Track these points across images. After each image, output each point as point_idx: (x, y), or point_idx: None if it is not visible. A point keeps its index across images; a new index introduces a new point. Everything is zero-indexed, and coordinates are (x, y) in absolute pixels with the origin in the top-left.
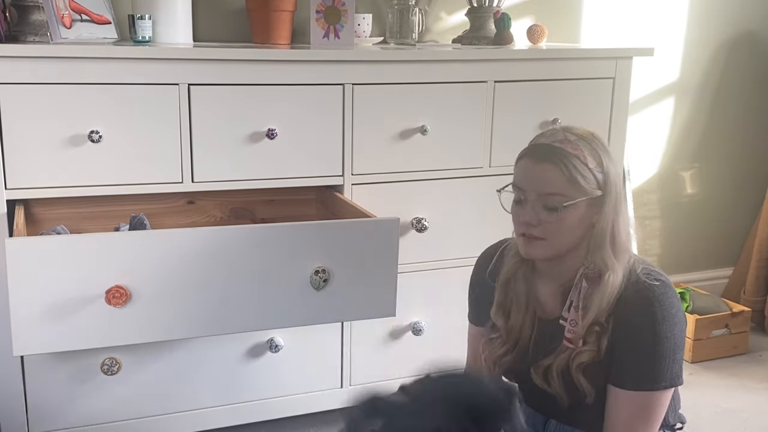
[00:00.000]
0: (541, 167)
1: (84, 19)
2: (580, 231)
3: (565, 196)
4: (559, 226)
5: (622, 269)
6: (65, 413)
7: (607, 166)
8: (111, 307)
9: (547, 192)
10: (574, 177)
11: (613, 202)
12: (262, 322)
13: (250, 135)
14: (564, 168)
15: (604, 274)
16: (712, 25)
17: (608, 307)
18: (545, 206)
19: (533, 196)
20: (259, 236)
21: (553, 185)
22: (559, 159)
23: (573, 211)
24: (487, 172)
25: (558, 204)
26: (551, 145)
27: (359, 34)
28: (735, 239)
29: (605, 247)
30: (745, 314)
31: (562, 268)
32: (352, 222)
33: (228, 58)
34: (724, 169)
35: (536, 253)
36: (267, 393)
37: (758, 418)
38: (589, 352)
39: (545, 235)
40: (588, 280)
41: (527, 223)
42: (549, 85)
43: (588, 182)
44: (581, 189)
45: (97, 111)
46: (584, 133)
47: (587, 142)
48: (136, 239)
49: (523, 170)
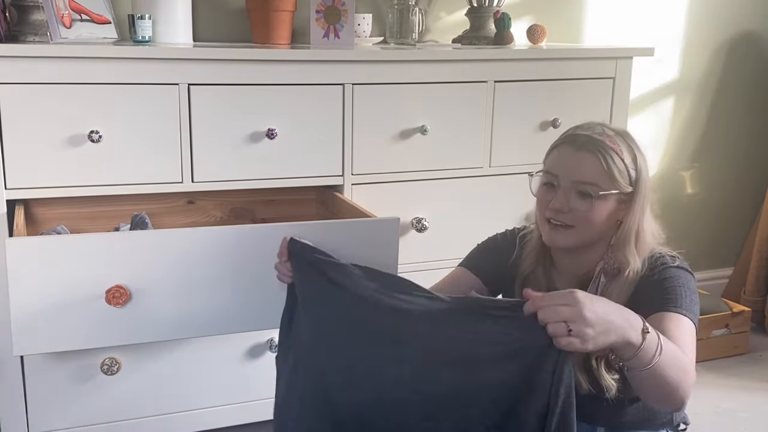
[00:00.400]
0: (579, 155)
1: (84, 19)
2: (606, 225)
3: (600, 186)
4: (590, 215)
5: (641, 261)
6: (65, 413)
7: (640, 165)
8: (111, 307)
9: (582, 180)
10: (610, 169)
11: (642, 202)
12: (262, 322)
13: (250, 135)
14: (602, 159)
15: (624, 270)
16: (712, 25)
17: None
18: (579, 194)
19: (567, 183)
20: (259, 236)
21: (589, 174)
22: (598, 150)
23: (604, 203)
24: (487, 172)
25: (593, 193)
26: (591, 136)
27: (359, 34)
28: (735, 239)
29: (629, 245)
30: (745, 314)
31: (580, 261)
32: (352, 222)
33: (228, 58)
34: (724, 169)
35: (561, 240)
36: (267, 393)
37: (758, 418)
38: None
39: (574, 223)
40: (606, 275)
41: (557, 210)
42: (549, 85)
43: (622, 176)
44: (615, 182)
45: (97, 111)
46: (622, 130)
47: (624, 138)
48: (136, 239)
49: (559, 156)
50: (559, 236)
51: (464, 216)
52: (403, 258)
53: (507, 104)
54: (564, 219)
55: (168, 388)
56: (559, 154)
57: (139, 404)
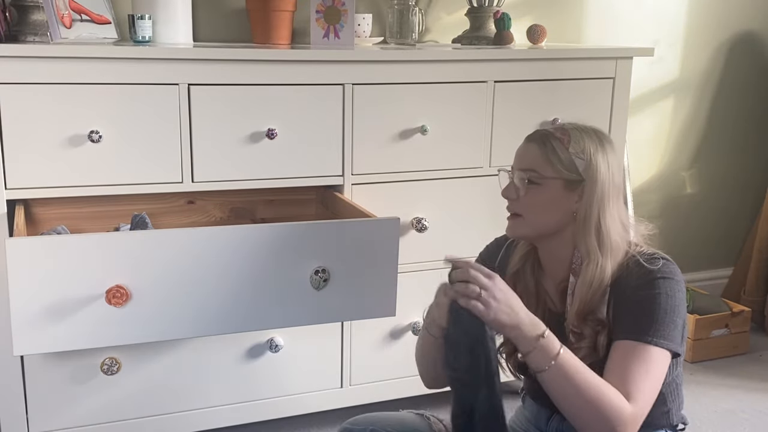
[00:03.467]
0: (526, 146)
1: (84, 19)
2: (556, 214)
3: (537, 172)
4: (532, 200)
5: (613, 262)
6: (65, 413)
7: (592, 155)
8: (111, 307)
9: (524, 167)
10: (548, 156)
11: (599, 194)
12: (262, 322)
13: (250, 135)
14: (542, 146)
15: (583, 262)
16: (712, 25)
17: (596, 298)
18: (521, 180)
19: (514, 172)
20: (259, 236)
21: (529, 161)
22: (541, 139)
23: (544, 188)
24: (487, 172)
25: (529, 177)
26: (545, 129)
27: (359, 34)
28: (735, 239)
29: (590, 238)
30: (745, 314)
31: (554, 260)
32: (352, 222)
33: (228, 58)
34: (724, 169)
35: (516, 230)
36: (267, 393)
37: (758, 419)
38: (586, 349)
39: (521, 211)
40: (574, 275)
41: (507, 198)
42: (549, 85)
43: (563, 164)
44: (555, 168)
45: (97, 111)
46: (585, 126)
47: (579, 131)
48: (136, 239)
49: (516, 151)
50: (513, 226)
51: (464, 216)
52: (403, 258)
53: (507, 104)
54: (514, 208)
55: (168, 388)
56: (516, 149)
57: (139, 404)
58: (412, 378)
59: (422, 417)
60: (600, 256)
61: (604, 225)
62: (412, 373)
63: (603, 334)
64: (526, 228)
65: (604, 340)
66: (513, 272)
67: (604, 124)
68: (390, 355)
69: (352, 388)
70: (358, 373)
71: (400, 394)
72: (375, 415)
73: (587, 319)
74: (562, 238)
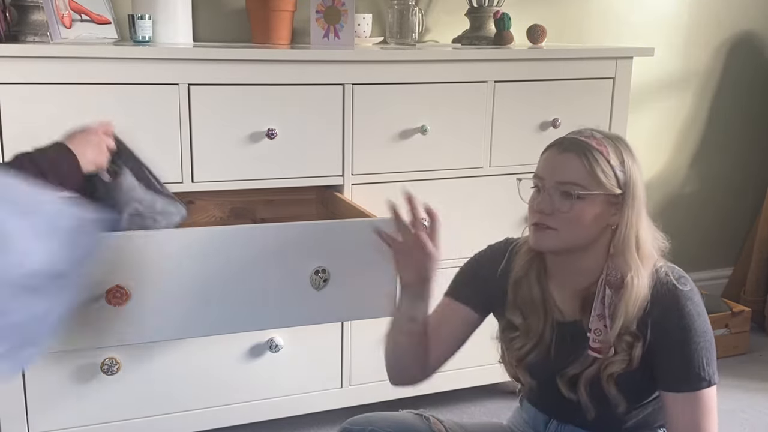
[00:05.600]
0: (563, 157)
1: (84, 19)
2: (594, 229)
3: (582, 186)
4: (573, 216)
5: (648, 274)
6: (65, 413)
7: (629, 168)
8: (111, 307)
9: (565, 180)
10: (593, 169)
11: (637, 207)
12: (262, 322)
13: (250, 135)
14: (585, 159)
15: (627, 277)
16: (712, 25)
17: (637, 313)
18: (562, 194)
19: (551, 184)
20: (259, 236)
21: (572, 174)
22: (581, 150)
23: (588, 204)
24: (487, 172)
25: (574, 192)
26: (577, 138)
27: (359, 34)
28: (735, 239)
29: (630, 252)
30: (745, 314)
31: (575, 270)
32: (352, 222)
33: (228, 58)
34: (724, 169)
35: (546, 243)
36: (267, 393)
37: (758, 419)
38: (621, 362)
39: (558, 225)
40: (611, 287)
41: (541, 212)
42: (549, 85)
43: (608, 178)
44: (600, 183)
45: (98, 111)
46: (613, 135)
47: (612, 141)
48: (136, 239)
49: (545, 160)
50: (543, 239)
51: (464, 216)
52: None
53: (507, 104)
54: (548, 221)
55: (168, 388)
56: (546, 157)
57: (139, 404)
58: None
59: (422, 417)
60: (642, 270)
61: (641, 237)
62: None
63: (638, 347)
64: (559, 242)
65: (640, 352)
66: (516, 279)
67: (604, 124)
68: None
69: (352, 388)
70: (358, 373)
71: (400, 394)
72: (375, 415)
73: (621, 334)
74: (592, 250)
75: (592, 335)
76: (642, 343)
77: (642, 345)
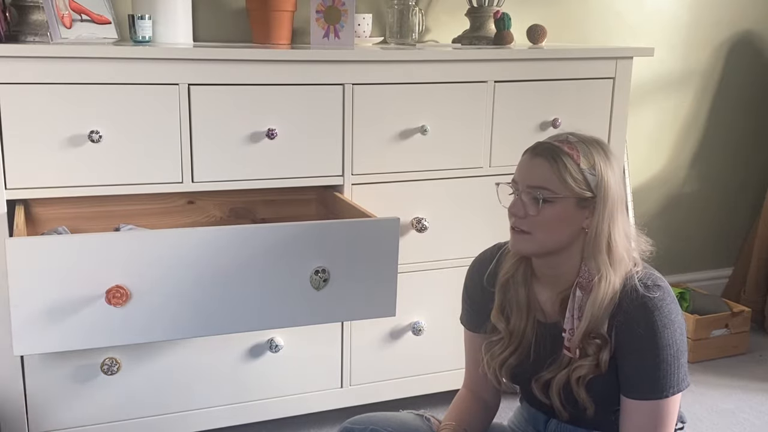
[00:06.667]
0: (534, 161)
1: (84, 19)
2: (566, 231)
3: (549, 190)
4: (543, 219)
5: (619, 278)
6: (65, 413)
7: (602, 171)
8: (111, 307)
9: (534, 184)
10: (561, 173)
11: (609, 210)
12: (262, 322)
13: (250, 135)
14: (554, 163)
15: (596, 280)
16: (712, 25)
17: (604, 315)
18: (532, 198)
19: (523, 188)
20: (259, 236)
21: (540, 178)
22: (551, 155)
23: (558, 207)
24: (487, 172)
25: (541, 196)
26: (550, 142)
27: (359, 34)
28: (735, 239)
29: (601, 255)
30: (745, 314)
31: (557, 273)
32: (352, 222)
33: (228, 58)
34: (724, 169)
35: (522, 247)
36: (267, 393)
37: (758, 418)
38: (589, 366)
39: (530, 229)
40: (581, 289)
41: (515, 215)
42: (549, 85)
43: (576, 182)
44: (568, 186)
45: (97, 111)
46: (588, 138)
47: (586, 145)
48: (136, 239)
49: (519, 164)
50: (519, 243)
51: (464, 216)
52: (403, 258)
53: (507, 104)
54: (522, 225)
55: (168, 388)
56: (520, 162)
57: (139, 404)
58: (412, 378)
59: (422, 417)
60: (612, 273)
61: (613, 240)
62: (412, 373)
63: (606, 351)
64: (534, 245)
65: (607, 356)
66: (504, 281)
67: (604, 124)
68: (390, 355)
69: (352, 388)
70: (358, 373)
71: (400, 394)
72: (375, 415)
73: (590, 336)
74: (568, 252)
75: (567, 335)
76: (609, 348)
77: (609, 349)
